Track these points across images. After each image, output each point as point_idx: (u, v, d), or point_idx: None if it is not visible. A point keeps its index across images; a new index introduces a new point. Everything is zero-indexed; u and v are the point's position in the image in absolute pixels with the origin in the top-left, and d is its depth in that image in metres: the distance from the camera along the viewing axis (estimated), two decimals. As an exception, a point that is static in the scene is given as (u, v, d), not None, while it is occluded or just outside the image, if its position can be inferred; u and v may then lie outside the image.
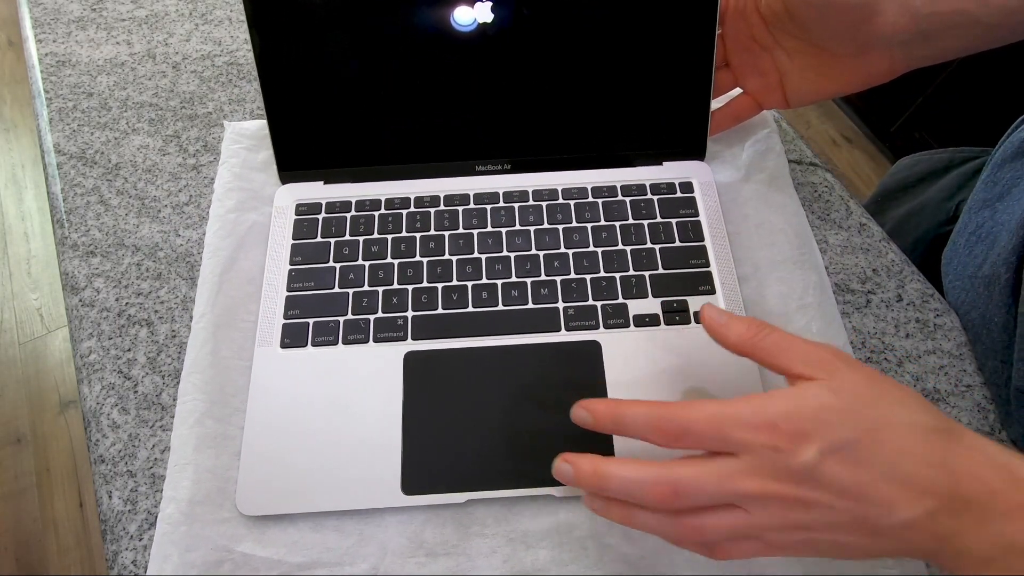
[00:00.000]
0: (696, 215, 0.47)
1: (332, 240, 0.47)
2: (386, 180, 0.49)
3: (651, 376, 0.41)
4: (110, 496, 0.40)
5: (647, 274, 0.45)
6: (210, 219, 0.49)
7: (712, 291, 0.44)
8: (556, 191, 0.48)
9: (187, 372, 0.42)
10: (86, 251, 0.49)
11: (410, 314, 0.44)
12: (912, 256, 0.49)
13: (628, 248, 0.46)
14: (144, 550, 0.38)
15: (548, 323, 0.43)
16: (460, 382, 0.41)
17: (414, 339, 0.43)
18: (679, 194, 0.48)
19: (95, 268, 0.48)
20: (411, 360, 0.42)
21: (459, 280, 0.45)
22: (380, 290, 0.45)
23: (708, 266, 0.45)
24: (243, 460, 0.39)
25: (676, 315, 0.43)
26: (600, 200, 0.48)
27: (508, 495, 0.38)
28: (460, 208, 0.48)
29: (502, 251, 0.46)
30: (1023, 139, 0.49)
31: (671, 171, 0.49)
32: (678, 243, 0.46)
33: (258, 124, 0.53)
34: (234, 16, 0.62)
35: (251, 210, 0.49)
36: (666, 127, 0.49)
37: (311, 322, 0.44)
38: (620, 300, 0.44)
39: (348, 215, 0.48)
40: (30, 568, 1.18)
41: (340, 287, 0.45)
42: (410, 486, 0.38)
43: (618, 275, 0.45)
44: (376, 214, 0.48)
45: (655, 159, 0.50)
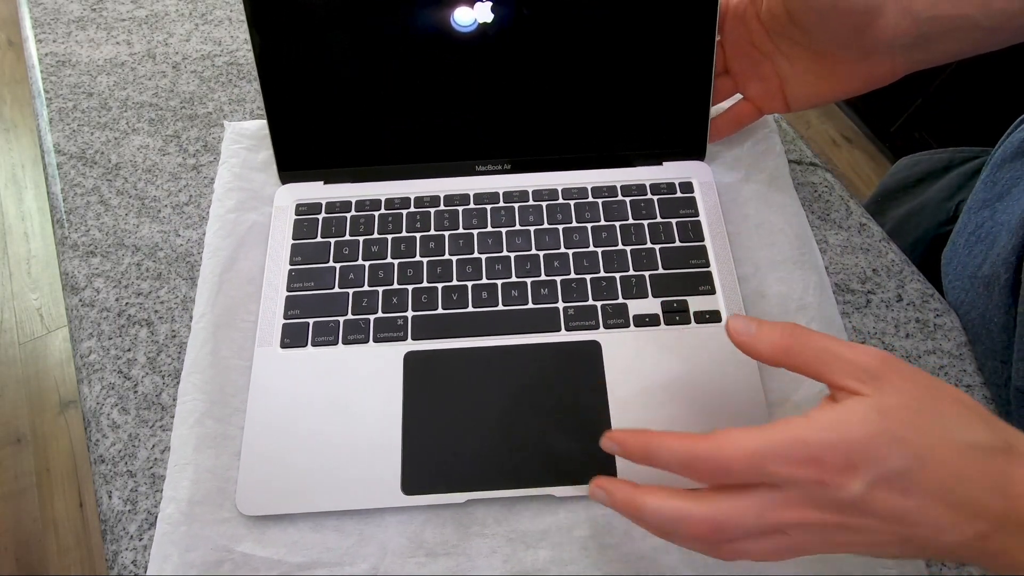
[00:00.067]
0: (696, 215, 0.47)
1: (332, 240, 0.47)
2: (386, 180, 0.49)
3: (651, 376, 0.41)
4: (110, 496, 0.40)
5: (647, 274, 0.45)
6: (210, 219, 0.49)
7: (712, 291, 0.44)
8: (556, 191, 0.48)
9: (187, 372, 0.42)
10: (86, 251, 0.49)
11: (410, 314, 0.44)
12: (912, 256, 0.49)
13: (628, 248, 0.46)
14: (144, 550, 0.38)
15: (548, 323, 0.43)
16: (460, 382, 0.42)
17: (414, 339, 0.43)
18: (679, 194, 0.48)
19: (95, 268, 0.48)
20: (411, 360, 0.42)
21: (459, 280, 0.45)
22: (380, 290, 0.45)
23: (708, 266, 0.45)
24: (243, 460, 0.39)
25: (676, 315, 0.43)
26: (600, 200, 0.48)
27: (508, 495, 0.38)
28: (460, 208, 0.48)
29: (502, 251, 0.46)
30: (1023, 139, 0.49)
31: (671, 171, 0.49)
32: (678, 243, 0.46)
33: (258, 124, 0.53)
34: (234, 16, 0.62)
35: (251, 210, 0.49)
36: (666, 127, 0.49)
37: (311, 322, 0.44)
38: (620, 300, 0.44)
39: (348, 215, 0.48)
40: (30, 568, 1.18)
41: (340, 287, 0.45)
42: (410, 486, 0.38)
43: (618, 275, 0.45)
44: (376, 214, 0.48)
45: (655, 159, 0.50)
